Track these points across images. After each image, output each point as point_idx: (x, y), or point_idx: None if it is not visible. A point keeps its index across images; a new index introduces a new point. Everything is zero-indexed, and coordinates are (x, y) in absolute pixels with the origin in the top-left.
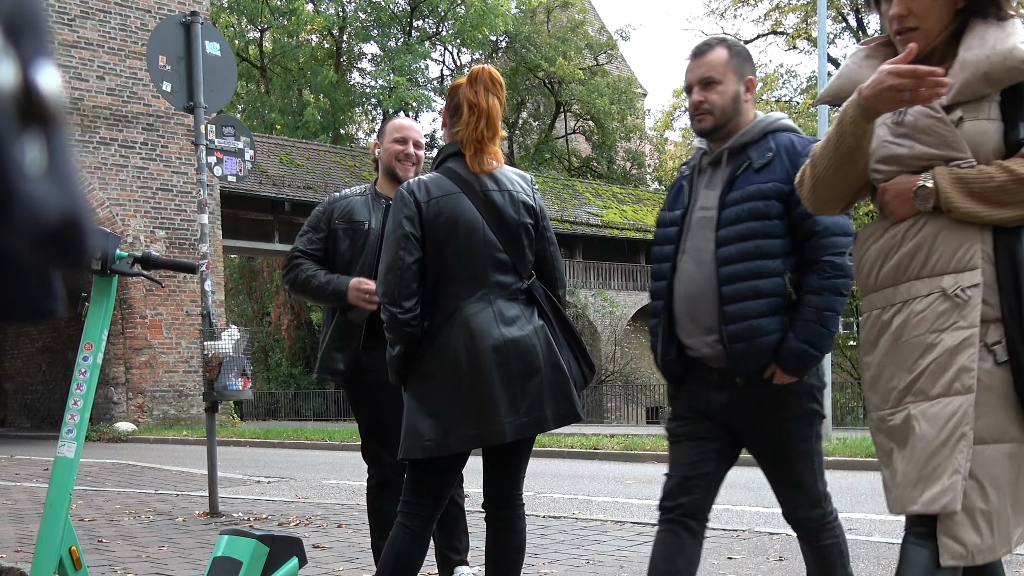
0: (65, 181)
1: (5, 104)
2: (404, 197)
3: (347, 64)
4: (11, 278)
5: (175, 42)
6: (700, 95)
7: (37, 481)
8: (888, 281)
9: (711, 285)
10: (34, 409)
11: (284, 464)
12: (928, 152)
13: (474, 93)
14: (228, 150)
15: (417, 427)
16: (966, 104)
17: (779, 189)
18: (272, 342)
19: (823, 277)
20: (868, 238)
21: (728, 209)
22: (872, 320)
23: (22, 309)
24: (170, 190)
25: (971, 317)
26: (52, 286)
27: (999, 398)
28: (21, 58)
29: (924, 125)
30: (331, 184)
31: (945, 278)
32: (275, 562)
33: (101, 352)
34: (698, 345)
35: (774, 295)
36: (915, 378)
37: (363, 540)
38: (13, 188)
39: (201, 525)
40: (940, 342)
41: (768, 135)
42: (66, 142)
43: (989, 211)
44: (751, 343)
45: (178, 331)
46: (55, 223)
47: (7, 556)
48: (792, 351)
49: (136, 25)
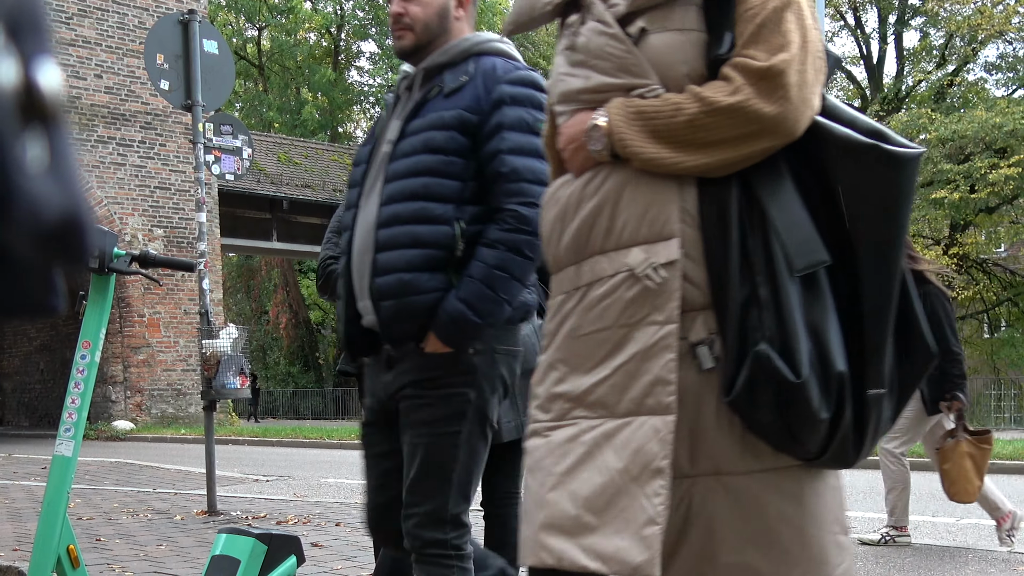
0: (66, 179)
1: (6, 102)
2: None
3: (345, 62)
4: (13, 274)
5: (173, 40)
6: (400, 6)
7: (35, 480)
8: (571, 256)
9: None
10: (32, 408)
11: (282, 463)
12: (605, 82)
13: None
14: (226, 148)
15: None
16: (651, 10)
17: (463, 119)
18: (270, 341)
19: (502, 228)
20: (549, 201)
21: (404, 140)
22: (554, 309)
23: (24, 305)
24: (168, 188)
25: (668, 309)
26: (54, 282)
27: (714, 419)
28: (22, 55)
29: (597, 47)
30: (329, 182)
31: (633, 252)
32: (273, 560)
33: (99, 350)
34: (365, 309)
35: (437, 246)
36: (594, 385)
37: (361, 539)
38: (14, 186)
39: (199, 524)
40: (631, 341)
41: (471, 57)
42: (67, 140)
43: (680, 156)
44: (400, 301)
45: (176, 330)
46: (56, 221)
47: (5, 555)
48: (447, 312)
49: (134, 23)
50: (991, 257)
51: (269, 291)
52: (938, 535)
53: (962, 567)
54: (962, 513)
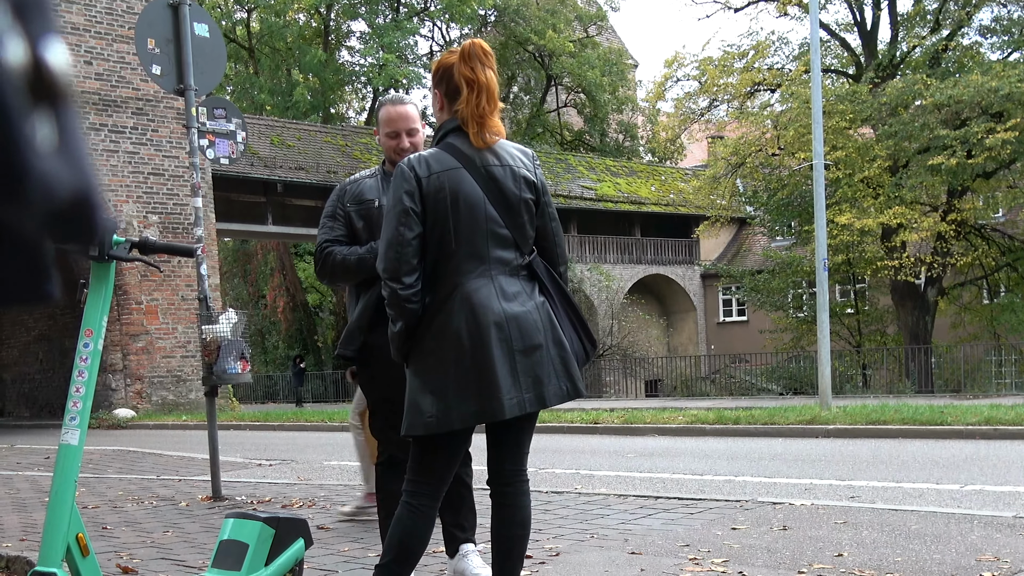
0: (75, 158)
1: (15, 81)
2: (404, 172)
3: (335, 42)
4: (9, 260)
5: (163, 24)
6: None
7: (39, 470)
8: None
9: None
10: (32, 398)
11: (285, 447)
12: None
13: (470, 69)
14: (220, 132)
15: (419, 403)
16: None
17: None
18: (268, 325)
19: None
20: None
21: None
22: None
23: (20, 292)
24: (162, 174)
25: None
26: (49, 269)
27: None
28: (29, 35)
29: None
30: (323, 164)
31: None
32: (281, 544)
33: (101, 339)
34: None
35: None
36: None
37: (366, 521)
38: (25, 165)
39: (204, 509)
40: None
41: None
42: (75, 119)
43: None
44: None
45: (174, 316)
46: (67, 199)
47: (12, 545)
48: None
49: (122, 8)
50: (989, 222)
51: (266, 275)
52: (942, 502)
53: (967, 534)
54: (966, 479)
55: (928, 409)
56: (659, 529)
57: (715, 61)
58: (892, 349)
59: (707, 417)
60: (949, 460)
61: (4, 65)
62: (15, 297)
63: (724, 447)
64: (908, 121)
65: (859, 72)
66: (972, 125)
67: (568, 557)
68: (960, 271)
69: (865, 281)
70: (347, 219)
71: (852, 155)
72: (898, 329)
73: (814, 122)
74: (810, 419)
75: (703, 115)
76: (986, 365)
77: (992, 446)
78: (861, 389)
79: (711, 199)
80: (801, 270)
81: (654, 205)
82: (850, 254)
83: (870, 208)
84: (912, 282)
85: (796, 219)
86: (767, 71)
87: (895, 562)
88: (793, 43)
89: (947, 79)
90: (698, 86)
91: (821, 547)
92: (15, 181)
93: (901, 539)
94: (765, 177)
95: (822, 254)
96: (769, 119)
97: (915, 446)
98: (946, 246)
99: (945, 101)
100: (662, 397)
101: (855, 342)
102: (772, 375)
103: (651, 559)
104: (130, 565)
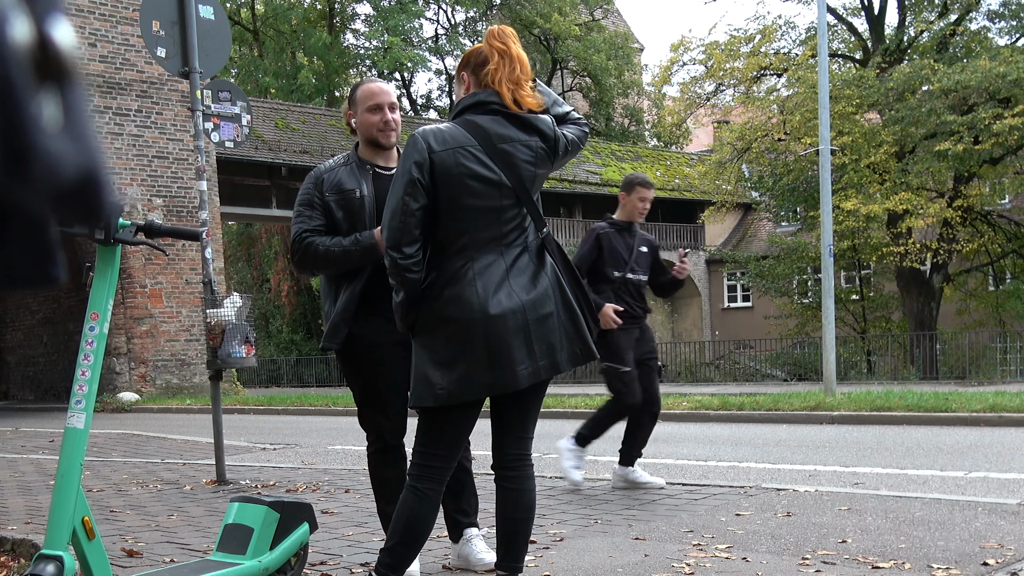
0: (82, 136)
1: (21, 59)
2: (417, 143)
3: (340, 25)
4: (14, 242)
5: (168, 6)
6: None
7: (44, 453)
8: None
9: None
10: (37, 381)
11: (289, 431)
12: None
13: (501, 43)
14: (225, 115)
15: (428, 375)
16: None
17: None
18: (272, 308)
19: None
20: None
21: None
22: None
23: (25, 275)
24: (166, 157)
25: None
26: (54, 251)
27: None
28: (35, 13)
29: None
30: (327, 147)
31: None
32: (286, 528)
33: (107, 322)
34: None
35: None
36: None
37: (371, 505)
38: (31, 143)
39: (209, 493)
40: None
41: None
42: (82, 97)
43: None
44: None
45: (178, 300)
46: (73, 179)
47: (17, 528)
48: None
49: None
50: (996, 208)
51: (270, 259)
52: (947, 489)
53: (971, 521)
54: (970, 466)
55: (933, 396)
56: (663, 515)
57: (721, 45)
58: (897, 335)
59: (711, 403)
60: (953, 447)
61: (10, 43)
62: (20, 280)
63: (728, 433)
64: (915, 106)
65: (866, 57)
66: (979, 111)
67: (572, 542)
68: (966, 257)
69: (870, 267)
70: (325, 208)
71: (859, 140)
72: (903, 315)
73: (821, 107)
74: (814, 405)
75: (709, 100)
76: (991, 352)
77: (997, 433)
78: (866, 375)
79: (716, 184)
80: (806, 256)
81: (659, 190)
82: (856, 240)
83: (876, 194)
84: (918, 268)
85: (802, 205)
86: (774, 55)
87: (899, 549)
88: (800, 27)
89: (954, 64)
90: (704, 70)
91: (825, 533)
92: (20, 160)
93: (905, 526)
94: (771, 162)
95: (828, 240)
96: (775, 104)
97: (919, 433)
98: (952, 232)
99: (952, 86)
100: (666, 383)
101: (860, 328)
102: (776, 361)
103: (655, 544)
104: (135, 548)
